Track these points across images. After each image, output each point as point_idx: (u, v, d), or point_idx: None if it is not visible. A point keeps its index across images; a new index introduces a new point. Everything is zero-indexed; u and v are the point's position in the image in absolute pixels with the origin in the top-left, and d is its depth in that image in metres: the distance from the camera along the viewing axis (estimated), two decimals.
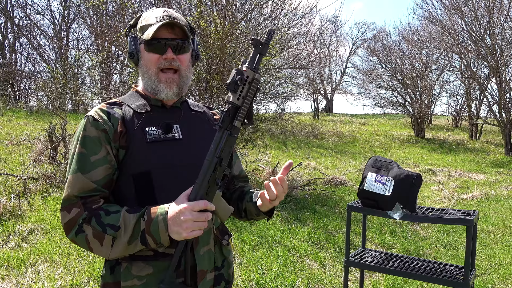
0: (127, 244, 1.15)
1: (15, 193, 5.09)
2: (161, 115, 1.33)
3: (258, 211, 1.37)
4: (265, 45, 1.21)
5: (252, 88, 1.21)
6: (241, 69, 1.20)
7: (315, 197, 6.57)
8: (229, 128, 1.21)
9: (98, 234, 1.15)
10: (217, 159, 1.20)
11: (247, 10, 7.18)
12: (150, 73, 1.31)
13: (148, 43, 1.29)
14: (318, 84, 27.81)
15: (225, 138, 1.21)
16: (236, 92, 1.19)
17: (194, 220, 1.12)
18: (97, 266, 3.58)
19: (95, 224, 1.16)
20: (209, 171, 1.19)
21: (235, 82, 1.18)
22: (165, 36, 1.29)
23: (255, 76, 1.21)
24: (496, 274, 4.17)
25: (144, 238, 1.15)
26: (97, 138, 1.23)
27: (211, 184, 1.20)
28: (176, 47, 1.31)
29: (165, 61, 1.30)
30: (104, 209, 1.19)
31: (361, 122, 22.28)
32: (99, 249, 1.17)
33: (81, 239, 1.17)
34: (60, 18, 19.82)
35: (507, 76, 14.35)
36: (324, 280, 3.73)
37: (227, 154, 1.22)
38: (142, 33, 1.32)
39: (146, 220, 1.15)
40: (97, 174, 1.21)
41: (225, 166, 1.23)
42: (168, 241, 1.15)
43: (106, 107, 1.30)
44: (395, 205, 2.59)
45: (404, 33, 19.63)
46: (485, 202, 7.26)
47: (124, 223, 1.16)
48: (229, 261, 1.44)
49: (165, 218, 1.14)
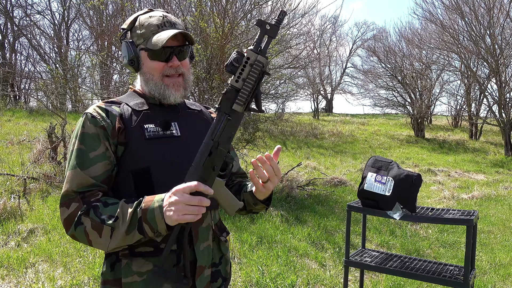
0: (125, 234, 1.15)
1: (15, 193, 5.09)
2: (159, 113, 1.34)
3: (255, 200, 1.34)
4: (273, 26, 1.15)
5: (254, 70, 1.15)
6: (242, 50, 1.16)
7: (315, 197, 6.57)
8: (228, 112, 1.16)
9: (96, 225, 1.15)
10: (213, 142, 1.17)
11: (247, 10, 7.19)
12: (155, 80, 1.32)
13: (152, 51, 1.29)
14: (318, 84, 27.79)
15: (223, 121, 1.16)
16: (234, 73, 1.15)
17: (185, 202, 1.09)
18: (97, 266, 3.58)
19: (93, 215, 1.16)
20: (204, 154, 1.16)
21: (231, 63, 1.14)
22: (170, 44, 1.30)
23: (257, 58, 1.15)
24: (496, 274, 4.17)
25: (141, 227, 1.14)
26: (96, 134, 1.24)
27: (207, 168, 1.16)
28: (180, 54, 1.32)
29: (170, 69, 1.31)
30: (102, 201, 1.19)
31: (361, 122, 22.27)
32: (97, 240, 1.16)
33: (80, 232, 1.17)
34: (60, 18, 19.83)
35: (507, 76, 14.35)
36: (324, 280, 3.73)
37: (226, 140, 1.18)
38: (143, 40, 1.31)
39: (143, 208, 1.15)
40: (96, 170, 1.22)
41: (224, 152, 1.18)
42: (165, 229, 1.14)
43: (104, 105, 1.31)
44: (395, 205, 2.59)
45: (404, 33, 19.66)
46: (485, 202, 7.26)
47: (122, 213, 1.15)
48: (227, 258, 1.45)
49: (161, 205, 1.13)
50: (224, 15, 6.48)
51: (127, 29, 1.36)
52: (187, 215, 1.10)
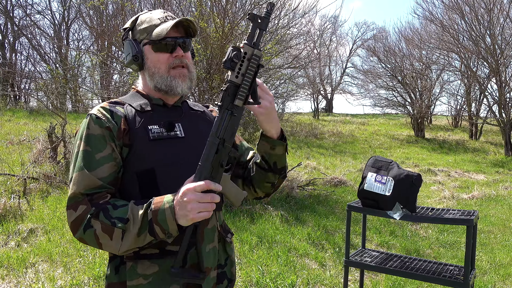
0: (136, 236, 1.14)
1: (15, 193, 5.09)
2: (163, 113, 1.33)
3: (269, 141, 1.30)
4: (264, 19, 1.17)
5: (252, 64, 1.17)
6: (238, 46, 1.17)
7: (315, 197, 6.57)
8: (230, 108, 1.18)
9: (107, 228, 1.14)
10: (219, 139, 1.18)
11: (247, 10, 7.19)
12: (161, 72, 1.31)
13: (156, 43, 1.30)
14: (318, 84, 27.79)
15: (226, 118, 1.18)
16: (234, 70, 1.16)
17: (198, 200, 1.10)
18: (97, 266, 3.58)
19: (103, 218, 1.15)
20: (211, 152, 1.17)
21: (230, 59, 1.15)
22: (173, 35, 1.30)
23: (254, 52, 1.17)
24: (496, 274, 4.17)
25: (152, 229, 1.14)
26: (102, 136, 1.23)
27: (215, 166, 1.17)
28: (183, 45, 1.32)
29: (175, 59, 1.31)
30: (111, 203, 1.18)
31: (361, 122, 22.27)
32: (108, 243, 1.15)
33: (90, 235, 1.16)
34: (60, 18, 19.81)
35: (507, 76, 14.34)
36: (324, 280, 3.73)
37: (230, 135, 1.19)
38: (146, 34, 1.32)
39: (153, 210, 1.14)
40: (103, 171, 1.21)
41: (229, 147, 1.19)
42: (176, 230, 1.14)
43: (109, 106, 1.30)
44: (395, 205, 2.59)
45: (404, 33, 19.65)
46: (485, 202, 7.25)
47: (132, 215, 1.15)
48: (232, 259, 1.44)
49: (172, 206, 1.13)
50: (224, 15, 6.49)
51: (129, 28, 1.36)
52: (202, 213, 1.11)
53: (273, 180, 1.39)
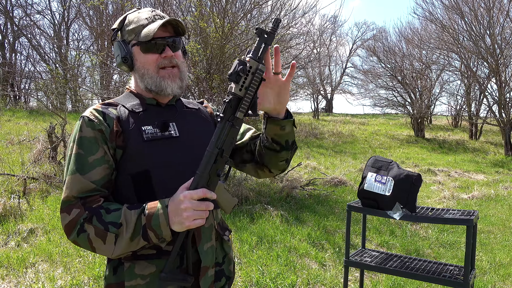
0: (129, 241, 1.15)
1: (15, 193, 5.09)
2: (156, 113, 1.32)
3: (274, 121, 1.26)
4: (270, 35, 1.18)
5: (256, 79, 1.18)
6: (244, 59, 1.18)
7: (315, 197, 6.57)
8: (231, 119, 1.19)
9: (100, 233, 1.15)
10: (218, 150, 1.19)
11: (247, 10, 7.19)
12: (150, 73, 1.30)
13: (145, 44, 1.28)
14: (318, 84, 27.80)
15: (227, 129, 1.19)
16: (238, 83, 1.17)
17: (194, 208, 1.11)
18: (97, 266, 3.59)
19: (96, 222, 1.15)
20: (210, 162, 1.18)
21: (236, 73, 1.15)
22: (162, 35, 1.29)
23: (259, 66, 1.18)
24: (496, 274, 4.17)
25: (146, 234, 1.14)
26: (94, 138, 1.22)
27: (212, 175, 1.19)
28: (172, 45, 1.31)
29: (164, 60, 1.29)
30: (104, 208, 1.18)
31: (361, 122, 22.28)
32: (101, 247, 1.16)
33: (83, 239, 1.16)
34: (60, 18, 19.81)
35: (507, 76, 14.34)
36: (324, 280, 3.73)
37: (229, 145, 1.20)
38: (134, 35, 1.30)
39: (147, 215, 1.14)
40: (95, 174, 1.20)
41: (227, 157, 1.21)
42: (170, 235, 1.15)
43: (101, 107, 1.29)
44: (395, 205, 2.59)
45: (404, 33, 19.68)
46: (485, 202, 7.26)
47: (125, 220, 1.15)
48: (230, 257, 1.44)
49: (166, 212, 1.13)
50: (224, 15, 6.49)
51: (117, 29, 1.35)
52: (197, 220, 1.13)
53: (287, 157, 1.36)
